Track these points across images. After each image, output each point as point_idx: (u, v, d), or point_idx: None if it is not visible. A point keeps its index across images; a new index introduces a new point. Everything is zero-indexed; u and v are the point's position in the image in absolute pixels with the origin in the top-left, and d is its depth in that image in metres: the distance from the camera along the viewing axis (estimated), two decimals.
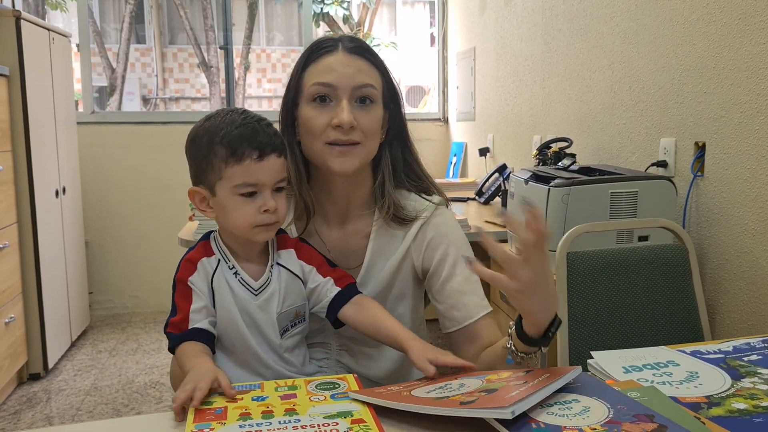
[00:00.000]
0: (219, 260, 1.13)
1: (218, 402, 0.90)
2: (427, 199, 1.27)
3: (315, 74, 1.18)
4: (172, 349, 1.08)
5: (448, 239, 1.23)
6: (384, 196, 1.24)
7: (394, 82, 1.25)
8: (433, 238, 1.23)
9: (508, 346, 1.04)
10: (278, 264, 1.15)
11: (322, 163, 1.19)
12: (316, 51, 1.20)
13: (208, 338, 1.08)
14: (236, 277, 1.12)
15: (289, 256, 1.17)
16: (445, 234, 1.23)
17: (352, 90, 1.16)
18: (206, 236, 1.16)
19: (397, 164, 1.27)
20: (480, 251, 1.19)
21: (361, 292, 1.19)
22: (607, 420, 0.80)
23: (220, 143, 1.07)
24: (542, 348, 1.02)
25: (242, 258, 1.14)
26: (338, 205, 1.26)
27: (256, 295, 1.12)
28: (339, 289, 1.16)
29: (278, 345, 1.13)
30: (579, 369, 0.91)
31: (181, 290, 1.11)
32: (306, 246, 1.20)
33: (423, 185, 1.29)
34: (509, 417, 0.77)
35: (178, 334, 1.07)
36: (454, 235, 1.25)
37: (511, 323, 1.05)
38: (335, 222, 1.27)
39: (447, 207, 1.30)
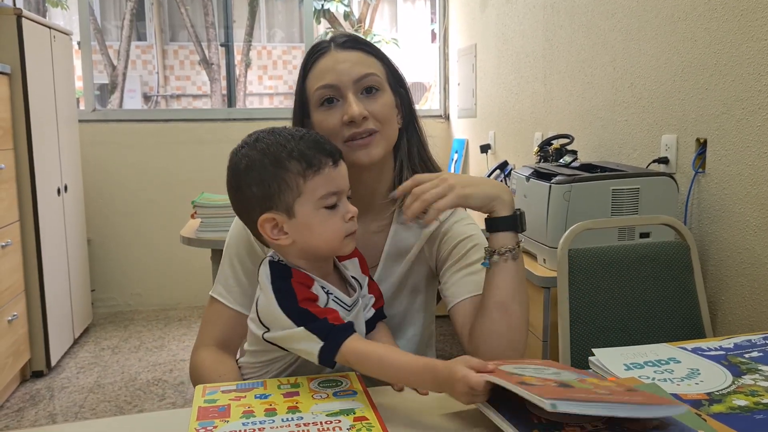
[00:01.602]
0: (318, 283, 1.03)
1: (221, 400, 0.91)
2: None
3: (315, 79, 1.17)
4: (336, 348, 0.94)
5: (462, 233, 1.22)
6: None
7: (396, 67, 1.24)
8: (448, 234, 1.23)
9: (486, 247, 1.11)
10: (353, 277, 1.11)
11: (348, 161, 1.15)
12: (310, 57, 1.19)
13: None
14: (329, 296, 1.03)
15: (353, 266, 1.13)
16: (460, 230, 1.23)
17: (355, 83, 1.15)
18: (275, 263, 1.04)
19: (412, 150, 1.26)
20: None
21: (385, 316, 1.17)
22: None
23: (291, 158, 1.00)
24: (518, 237, 1.11)
25: (322, 278, 1.05)
26: (361, 200, 1.23)
27: (348, 311, 1.05)
28: (374, 311, 1.13)
29: None
30: (683, 408, 0.79)
31: (313, 305, 0.98)
32: (360, 254, 1.16)
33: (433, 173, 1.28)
34: (548, 408, 0.72)
35: (346, 324, 0.97)
36: (470, 231, 1.24)
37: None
38: (357, 219, 1.26)
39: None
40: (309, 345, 0.94)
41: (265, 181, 1.00)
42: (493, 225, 1.11)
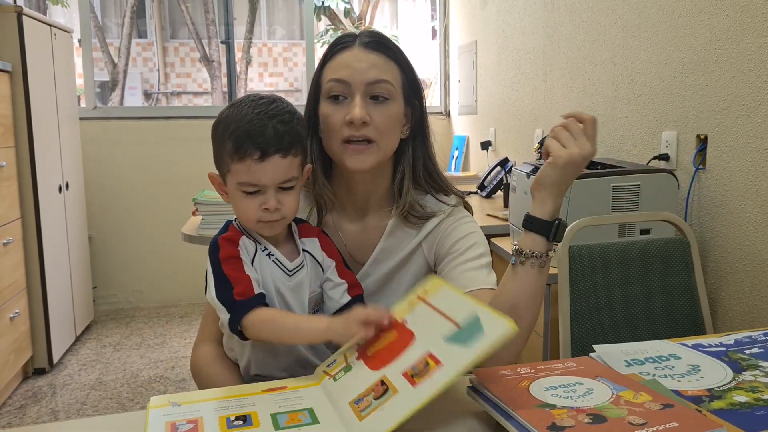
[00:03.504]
0: (255, 241, 1.12)
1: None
2: (443, 202, 1.26)
3: (330, 70, 1.18)
4: (238, 321, 1.02)
5: (463, 231, 1.23)
6: (401, 195, 1.23)
7: (416, 77, 1.23)
8: (448, 231, 1.23)
9: (515, 245, 1.10)
10: (304, 250, 1.16)
11: (339, 160, 1.19)
12: (333, 48, 1.19)
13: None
14: (270, 258, 1.11)
15: (313, 245, 1.17)
16: (461, 228, 1.23)
17: (366, 86, 1.14)
18: (228, 223, 1.16)
19: (417, 162, 1.25)
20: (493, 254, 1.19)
21: (363, 303, 1.18)
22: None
23: (229, 137, 1.06)
24: (549, 242, 1.07)
25: (271, 241, 1.13)
26: (357, 200, 1.26)
27: (289, 276, 1.11)
28: (349, 297, 1.15)
29: None
30: (723, 430, 0.76)
31: (233, 264, 1.07)
32: (327, 238, 1.21)
33: (439, 186, 1.28)
34: None
35: (247, 300, 1.03)
36: (471, 228, 1.24)
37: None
38: (354, 216, 1.27)
39: (465, 207, 1.30)
40: (222, 314, 1.04)
41: (215, 145, 1.11)
42: (528, 223, 1.09)
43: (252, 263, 1.09)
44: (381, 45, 1.18)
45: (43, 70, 3.24)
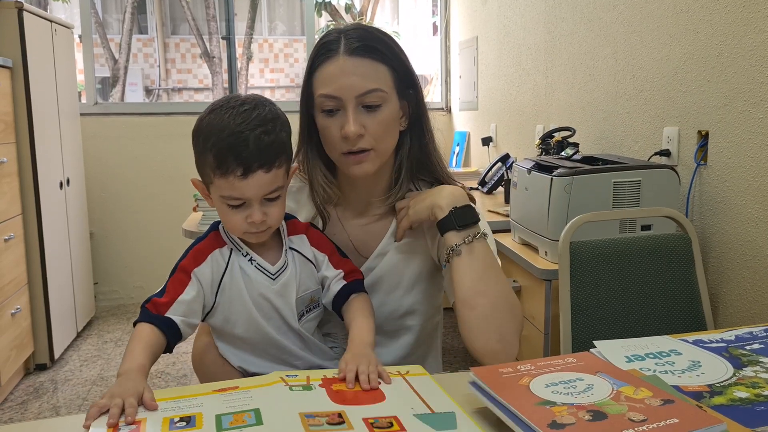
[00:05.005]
0: (231, 250, 1.12)
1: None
2: None
3: (320, 83, 1.15)
4: (135, 323, 1.07)
5: None
6: (397, 186, 1.24)
7: (410, 68, 1.21)
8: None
9: (446, 252, 1.14)
10: (291, 248, 1.15)
11: (341, 168, 1.20)
12: (319, 55, 1.16)
13: (173, 334, 1.06)
14: (252, 263, 1.11)
15: (301, 242, 1.17)
16: None
17: (357, 98, 1.13)
18: (215, 226, 1.15)
19: (413, 153, 1.25)
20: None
21: (364, 290, 1.20)
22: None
23: (210, 150, 1.04)
24: (460, 231, 1.13)
25: (254, 245, 1.13)
26: (361, 194, 1.26)
27: (274, 280, 1.11)
28: (344, 283, 1.17)
29: (297, 329, 1.14)
30: (722, 426, 0.76)
31: (180, 277, 1.10)
32: (317, 232, 1.21)
33: (437, 177, 1.27)
34: None
35: (152, 313, 1.06)
36: None
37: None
38: (358, 211, 1.28)
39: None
40: None
41: (196, 154, 1.09)
42: (438, 229, 1.16)
43: (222, 277, 1.10)
44: (367, 49, 1.14)
45: (44, 66, 3.24)
